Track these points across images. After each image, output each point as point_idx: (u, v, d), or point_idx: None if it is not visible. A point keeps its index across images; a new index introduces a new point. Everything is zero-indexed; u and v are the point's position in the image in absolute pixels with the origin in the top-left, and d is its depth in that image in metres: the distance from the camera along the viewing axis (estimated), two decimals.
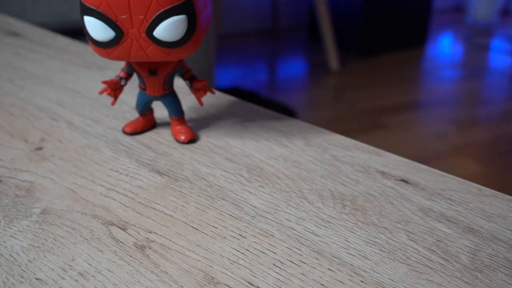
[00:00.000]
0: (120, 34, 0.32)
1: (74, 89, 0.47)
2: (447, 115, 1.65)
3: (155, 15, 0.31)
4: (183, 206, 0.31)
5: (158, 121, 0.41)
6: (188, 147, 0.37)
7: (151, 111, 0.39)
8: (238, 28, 2.26)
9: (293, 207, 0.31)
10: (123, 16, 0.32)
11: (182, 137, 0.38)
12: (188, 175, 0.34)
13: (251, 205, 0.31)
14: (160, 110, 0.42)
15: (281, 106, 1.60)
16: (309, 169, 0.35)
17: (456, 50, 2.23)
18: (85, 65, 0.53)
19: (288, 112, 1.56)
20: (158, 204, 0.31)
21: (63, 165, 0.35)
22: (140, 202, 0.31)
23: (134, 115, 0.42)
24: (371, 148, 0.38)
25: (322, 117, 1.61)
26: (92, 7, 0.32)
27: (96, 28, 0.32)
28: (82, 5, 0.32)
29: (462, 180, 0.34)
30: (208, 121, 0.41)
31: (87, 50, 0.57)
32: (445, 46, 2.26)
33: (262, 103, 1.62)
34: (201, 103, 0.38)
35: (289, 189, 0.33)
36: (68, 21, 1.11)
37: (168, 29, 0.32)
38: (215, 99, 0.45)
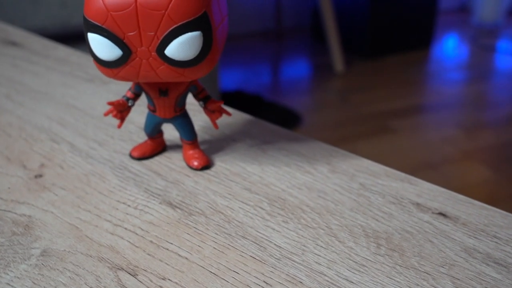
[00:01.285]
0: (127, 52, 0.29)
1: (76, 106, 0.44)
2: (454, 118, 1.62)
3: (166, 32, 0.28)
4: (199, 246, 0.28)
5: (168, 142, 0.38)
6: (202, 174, 0.34)
7: (160, 133, 0.36)
8: (241, 29, 2.23)
9: (322, 247, 0.28)
10: (131, 33, 0.28)
11: (195, 163, 0.34)
12: (203, 208, 0.31)
13: (275, 244, 0.28)
14: (170, 131, 0.38)
15: (285, 110, 1.57)
16: (337, 200, 0.32)
17: (461, 52, 2.19)
18: (88, 78, 0.49)
19: (292, 116, 1.53)
20: (171, 243, 0.28)
21: (65, 195, 0.32)
22: (151, 241, 0.28)
23: (142, 136, 0.39)
24: (402, 175, 0.34)
25: (327, 121, 1.58)
26: (97, 24, 0.28)
27: (101, 46, 0.29)
28: (86, 21, 0.29)
29: (506, 213, 0.31)
30: (222, 143, 0.38)
31: (90, 61, 0.54)
32: (450, 48, 2.23)
33: (266, 107, 1.59)
34: (216, 126, 0.34)
35: (316, 225, 0.29)
36: (69, 25, 1.08)
37: (182, 47, 0.28)
38: (229, 117, 0.41)
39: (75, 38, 1.11)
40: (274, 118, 1.53)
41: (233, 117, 0.41)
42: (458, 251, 0.28)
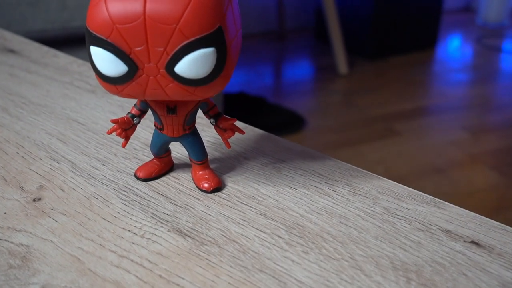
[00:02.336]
0: (134, 69, 0.26)
1: (78, 120, 0.41)
2: (460, 121, 1.59)
3: (177, 48, 0.26)
4: (213, 281, 0.25)
5: (175, 160, 0.35)
6: (213, 197, 0.32)
7: (168, 152, 0.34)
8: (243, 30, 2.20)
9: (347, 281, 0.25)
10: (138, 48, 0.26)
11: (206, 185, 0.32)
12: (216, 237, 0.28)
13: (295, 279, 0.26)
14: (177, 147, 0.36)
15: (289, 112, 1.54)
16: (360, 227, 0.29)
17: (466, 52, 2.17)
18: (90, 89, 0.47)
19: (297, 119, 1.51)
20: (183, 278, 0.26)
21: (65, 222, 0.30)
22: (160, 276, 0.26)
23: (148, 153, 0.36)
24: (428, 197, 0.32)
25: (331, 124, 1.56)
26: (101, 37, 0.26)
27: (105, 61, 0.27)
28: (88, 33, 0.26)
29: None
30: (233, 161, 0.35)
31: (91, 70, 0.51)
32: (455, 48, 2.20)
33: (270, 109, 1.57)
34: (228, 146, 0.32)
35: (339, 256, 0.27)
36: (69, 28, 1.05)
37: (193, 64, 0.26)
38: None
39: (75, 41, 1.09)
40: (278, 121, 1.50)
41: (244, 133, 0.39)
42: (495, 286, 0.25)
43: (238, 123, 0.38)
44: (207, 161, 0.33)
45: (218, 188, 0.32)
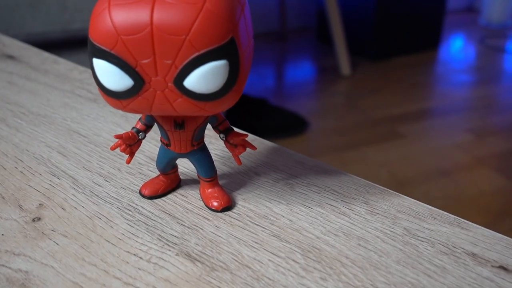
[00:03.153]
0: (140, 83, 0.25)
1: (79, 132, 0.39)
2: (464, 123, 1.58)
3: (187, 61, 0.24)
4: None
5: (182, 176, 0.34)
6: (223, 217, 0.30)
7: (175, 168, 0.32)
8: None
9: None
10: (144, 61, 0.24)
11: (215, 204, 0.30)
12: (227, 261, 0.27)
13: None
14: (184, 161, 0.34)
15: (292, 114, 1.52)
16: (380, 250, 0.27)
17: (469, 53, 2.15)
18: (91, 97, 0.45)
19: (299, 121, 1.49)
20: None
21: (67, 245, 0.28)
22: None
23: (153, 168, 0.34)
24: (450, 217, 0.30)
25: (334, 126, 1.54)
26: (104, 48, 0.24)
27: (108, 74, 0.25)
28: (91, 45, 0.25)
29: None
30: (243, 177, 0.34)
31: (93, 77, 0.50)
32: (458, 49, 2.19)
33: (272, 111, 1.55)
34: (239, 162, 0.30)
35: (360, 283, 0.25)
36: (70, 30, 1.03)
37: (204, 78, 0.24)
38: None
39: (76, 44, 1.07)
40: (280, 123, 1.49)
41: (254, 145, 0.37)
42: None
43: (249, 138, 0.37)
44: (216, 178, 0.31)
45: (228, 207, 0.30)
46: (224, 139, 0.30)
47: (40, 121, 0.41)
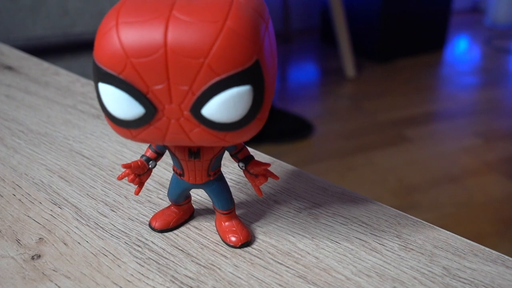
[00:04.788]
0: (152, 111, 0.22)
1: (82, 153, 0.37)
2: (471, 126, 1.55)
3: (206, 87, 0.21)
4: None
5: (195, 205, 0.31)
6: (242, 254, 0.27)
7: (188, 199, 0.29)
8: None
9: None
10: (157, 87, 0.21)
11: (233, 239, 0.27)
12: None
13: None
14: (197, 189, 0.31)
15: (296, 118, 1.49)
16: None
17: (475, 54, 2.12)
18: (95, 113, 0.42)
19: (304, 125, 1.46)
20: None
21: None
22: None
23: (163, 196, 0.32)
24: (493, 253, 0.27)
25: (340, 129, 1.51)
26: (112, 73, 0.21)
27: (116, 101, 0.22)
28: (96, 68, 0.22)
29: None
30: (262, 206, 0.31)
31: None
32: (463, 50, 2.16)
33: (276, 115, 1.52)
34: (260, 194, 0.27)
35: None
36: (71, 34, 1.01)
37: (225, 106, 0.21)
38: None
39: (77, 48, 1.04)
40: (285, 127, 1.46)
41: (273, 170, 0.34)
42: None
43: (268, 160, 0.34)
44: (234, 210, 0.28)
45: (247, 242, 0.27)
46: (243, 168, 0.27)
47: (40, 141, 0.38)
